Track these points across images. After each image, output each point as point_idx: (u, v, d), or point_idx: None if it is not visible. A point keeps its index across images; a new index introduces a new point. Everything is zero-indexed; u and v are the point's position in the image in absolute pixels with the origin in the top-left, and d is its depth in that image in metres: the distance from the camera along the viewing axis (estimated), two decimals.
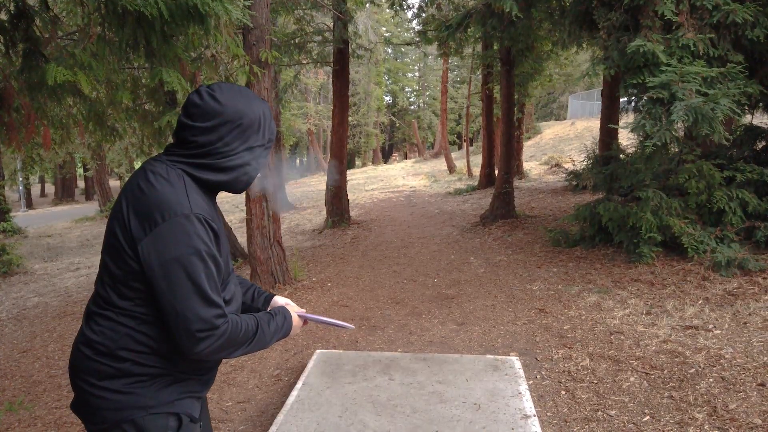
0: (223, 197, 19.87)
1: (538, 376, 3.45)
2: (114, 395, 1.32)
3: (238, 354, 1.39)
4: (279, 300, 1.74)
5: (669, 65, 4.63)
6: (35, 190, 38.08)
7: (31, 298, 7.51)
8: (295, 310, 1.65)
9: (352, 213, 12.23)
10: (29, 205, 27.89)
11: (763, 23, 4.69)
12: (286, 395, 3.31)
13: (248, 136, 1.38)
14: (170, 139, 8.13)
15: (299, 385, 3.36)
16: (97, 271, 1.60)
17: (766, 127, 6.03)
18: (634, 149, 6.20)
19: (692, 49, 4.75)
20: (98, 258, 8.89)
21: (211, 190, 1.40)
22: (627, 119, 5.69)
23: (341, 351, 3.96)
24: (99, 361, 1.32)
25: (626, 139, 7.60)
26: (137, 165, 41.00)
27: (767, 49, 5.07)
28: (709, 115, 4.30)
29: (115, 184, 28.05)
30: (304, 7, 10.10)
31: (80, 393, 1.37)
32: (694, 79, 4.51)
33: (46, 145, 4.26)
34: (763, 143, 6.00)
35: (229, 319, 1.33)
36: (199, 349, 1.28)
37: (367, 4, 12.69)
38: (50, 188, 39.41)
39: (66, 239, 14.00)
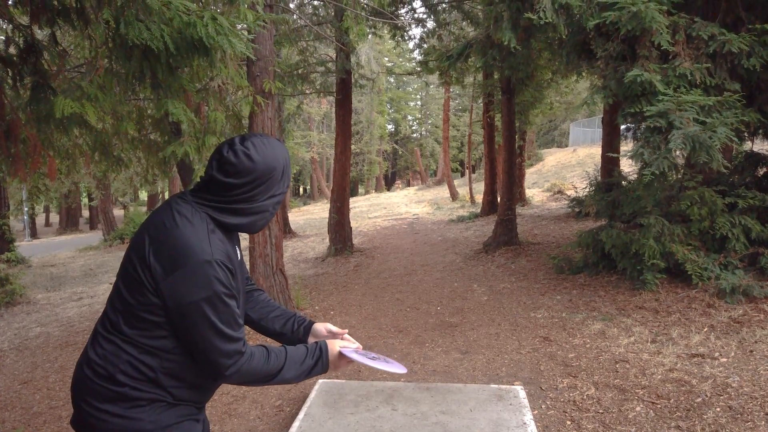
0: None
1: (543, 406, 3.40)
2: (114, 418, 1.35)
3: (266, 384, 1.47)
4: (319, 328, 1.74)
5: (666, 94, 4.69)
6: (40, 219, 38.27)
7: (34, 328, 7.48)
8: (337, 346, 1.60)
9: (355, 241, 12.24)
10: (33, 234, 27.99)
11: (759, 53, 4.76)
12: (288, 426, 3.28)
13: (272, 186, 1.47)
14: (175, 169, 8.23)
15: (301, 416, 3.33)
16: (100, 299, 1.65)
17: (766, 153, 6.06)
18: (635, 176, 6.23)
19: (689, 78, 4.81)
20: (101, 287, 8.86)
21: (230, 231, 1.47)
22: (627, 147, 5.73)
23: (344, 381, 3.92)
24: (99, 383, 1.37)
25: (628, 165, 7.64)
26: (142, 195, 41.01)
27: (764, 77, 5.13)
28: (706, 143, 4.33)
29: (119, 213, 28.19)
30: (307, 39, 10.30)
31: (81, 413, 1.40)
32: (692, 107, 4.56)
33: (52, 175, 4.32)
34: (764, 170, 6.02)
35: (253, 351, 1.41)
36: (225, 377, 1.38)
37: (370, 36, 12.93)
38: (55, 218, 39.60)
39: (69, 269, 14.01)
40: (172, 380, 1.39)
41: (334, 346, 1.59)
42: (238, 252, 1.55)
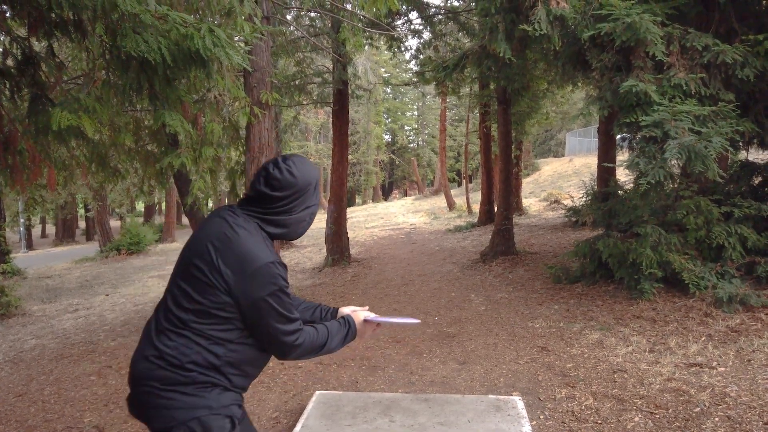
0: None
1: (541, 417, 3.39)
2: (183, 397, 1.59)
3: (318, 355, 1.79)
4: (345, 310, 2.02)
5: (661, 104, 4.72)
6: (36, 231, 38.13)
7: (29, 340, 7.43)
8: (361, 316, 1.96)
9: (353, 251, 12.22)
10: (30, 245, 27.88)
11: (753, 63, 4.80)
12: None
13: (307, 198, 1.74)
14: (172, 180, 8.23)
15: (298, 428, 3.31)
16: (96, 311, 1.78)
17: (761, 163, 6.09)
18: (631, 185, 6.25)
19: (684, 88, 4.85)
20: (97, 299, 8.81)
21: (271, 239, 1.74)
22: (623, 156, 5.76)
23: (341, 392, 3.90)
24: (170, 370, 1.59)
25: (624, 175, 7.67)
26: (139, 206, 40.85)
27: (759, 87, 5.17)
28: (702, 153, 4.35)
29: (116, 224, 28.12)
30: (304, 51, 10.35)
31: (148, 398, 1.62)
32: (687, 117, 4.59)
33: (51, 186, 4.32)
34: (760, 179, 6.05)
35: (305, 329, 1.73)
36: (290, 353, 1.70)
37: (366, 47, 13.00)
38: (51, 229, 39.47)
39: (65, 280, 13.94)
40: (231, 369, 1.64)
41: (359, 315, 1.96)
42: None
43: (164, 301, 1.69)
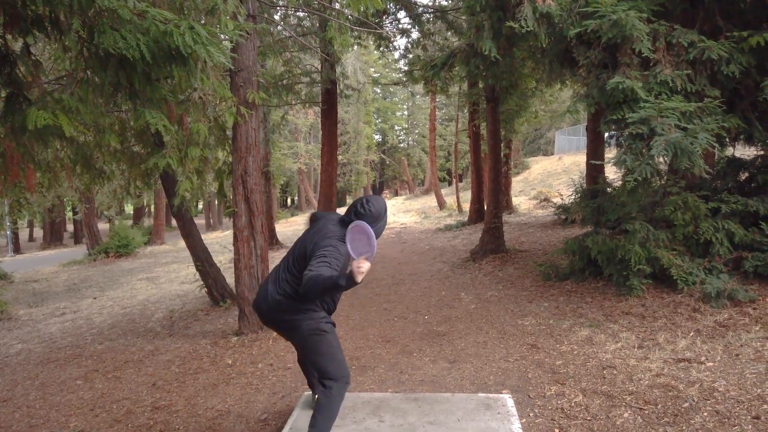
0: (211, 240, 19.75)
1: (531, 414, 3.38)
2: (300, 315, 2.81)
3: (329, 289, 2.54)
4: None
5: (648, 101, 4.72)
6: (23, 234, 37.67)
7: (15, 344, 7.34)
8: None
9: None
10: (17, 249, 27.52)
11: (738, 59, 4.82)
12: None
13: (381, 219, 2.88)
14: (159, 182, 8.13)
15: (286, 429, 3.27)
16: (83, 314, 2.06)
17: (748, 158, 6.13)
18: (620, 183, 6.26)
19: (670, 85, 4.86)
20: (84, 302, 8.82)
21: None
22: (611, 154, 5.77)
23: None
24: (287, 302, 2.79)
25: (613, 172, 7.70)
26: (128, 208, 40.51)
27: (744, 83, 5.20)
28: (688, 149, 4.36)
29: (104, 227, 27.85)
30: (292, 50, 10.30)
31: (282, 323, 2.91)
32: (673, 114, 4.60)
33: (31, 187, 4.24)
34: (746, 175, 6.08)
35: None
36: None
37: (355, 46, 12.96)
38: (39, 232, 39.04)
39: (53, 284, 13.79)
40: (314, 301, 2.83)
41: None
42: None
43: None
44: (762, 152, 5.90)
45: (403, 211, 24.59)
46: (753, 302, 4.74)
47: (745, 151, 6.87)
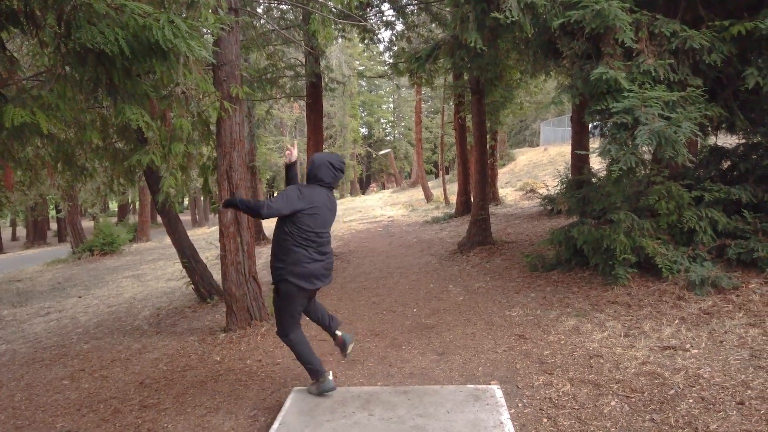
0: (197, 236, 19.66)
1: (519, 404, 3.40)
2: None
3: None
4: None
5: (631, 91, 4.75)
6: (6, 233, 37.12)
7: None
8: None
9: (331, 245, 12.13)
10: (0, 249, 27.16)
11: (720, 48, 4.86)
12: None
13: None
14: (143, 178, 8.05)
15: (276, 425, 3.27)
16: (68, 313, 2.23)
17: (730, 147, 6.19)
18: (605, 173, 6.30)
19: (653, 74, 4.88)
20: (69, 301, 8.75)
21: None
22: (596, 144, 5.80)
23: None
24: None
25: (598, 163, 7.74)
26: (113, 206, 40.00)
27: (726, 72, 5.24)
28: (672, 138, 4.40)
29: (89, 225, 27.53)
30: (275, 44, 10.21)
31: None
32: (656, 103, 4.62)
33: (9, 185, 4.16)
34: (729, 163, 6.15)
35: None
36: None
37: (339, 39, 12.88)
38: (22, 231, 38.50)
39: (37, 283, 13.62)
40: None
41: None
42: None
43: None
44: (744, 140, 5.96)
45: (390, 204, 24.59)
46: (736, 289, 4.81)
47: (727, 140, 6.95)
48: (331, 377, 3.72)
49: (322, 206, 3.59)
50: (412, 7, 11.46)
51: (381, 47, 31.25)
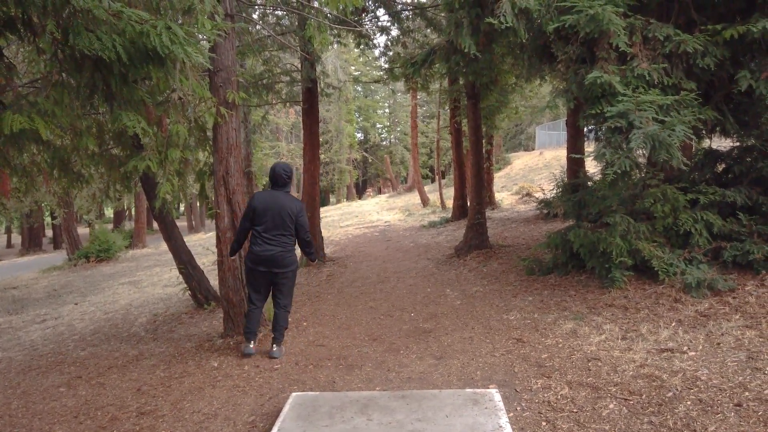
0: (194, 242, 19.62)
1: (518, 408, 3.40)
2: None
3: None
4: None
5: (625, 95, 4.78)
6: (1, 241, 36.98)
7: None
8: None
9: (327, 250, 12.15)
10: None
11: (713, 52, 4.90)
12: None
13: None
14: (139, 185, 8.06)
15: (274, 431, 3.26)
16: (65, 320, 2.21)
17: (724, 150, 6.23)
18: (600, 176, 6.33)
19: (647, 78, 4.92)
20: (65, 308, 8.72)
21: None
22: (591, 148, 5.83)
23: (317, 393, 3.86)
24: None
25: (593, 166, 7.77)
26: (108, 212, 39.97)
27: (719, 76, 5.28)
28: (666, 142, 4.42)
29: (84, 231, 27.42)
30: (271, 49, 10.23)
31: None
32: (650, 107, 4.65)
33: (5, 193, 4.15)
34: (723, 166, 6.18)
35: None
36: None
37: (334, 45, 12.92)
38: (17, 238, 38.34)
39: (32, 290, 13.55)
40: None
41: None
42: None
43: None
44: (738, 143, 6.00)
45: (386, 209, 24.60)
46: (732, 291, 4.83)
47: (721, 143, 6.99)
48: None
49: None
50: (407, 12, 11.50)
51: (376, 52, 31.31)
